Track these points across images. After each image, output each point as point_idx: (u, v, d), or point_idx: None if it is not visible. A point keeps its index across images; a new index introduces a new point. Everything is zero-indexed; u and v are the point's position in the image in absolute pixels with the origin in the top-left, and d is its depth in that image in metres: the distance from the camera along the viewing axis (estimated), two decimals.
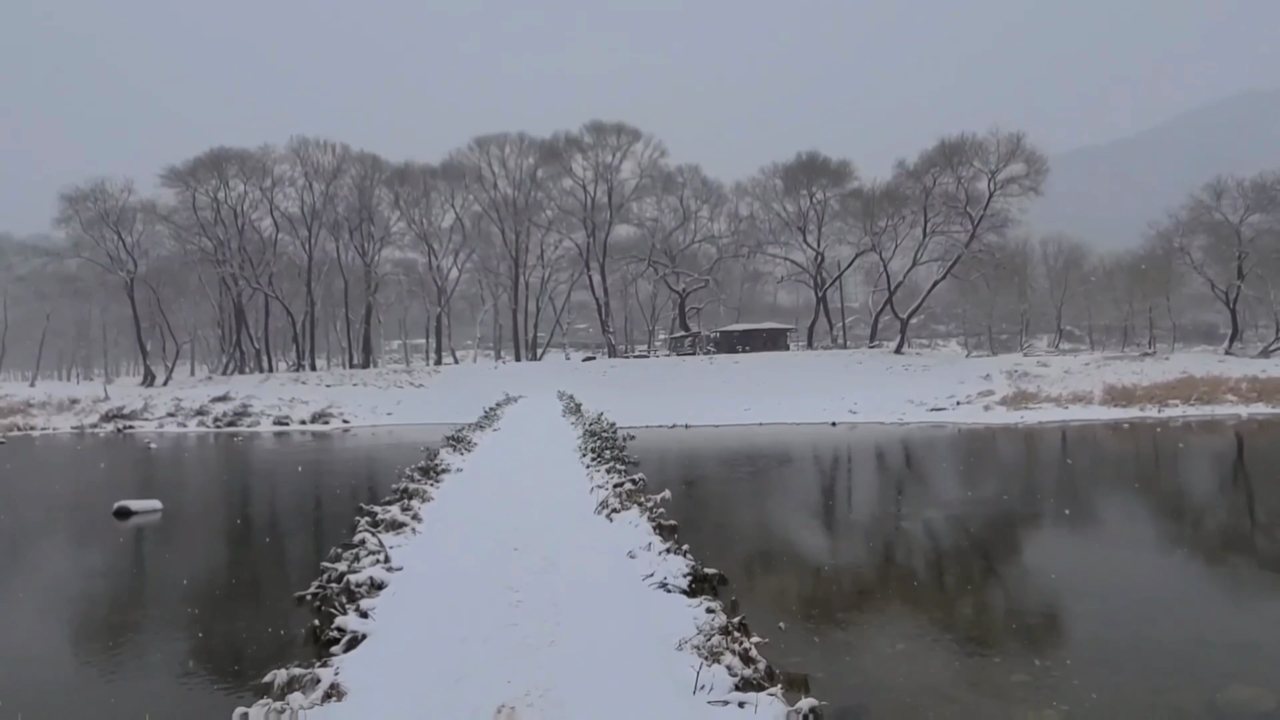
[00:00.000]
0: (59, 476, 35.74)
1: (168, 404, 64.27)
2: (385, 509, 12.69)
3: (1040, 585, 14.44)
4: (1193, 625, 11.54)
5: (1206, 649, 10.48)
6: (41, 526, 23.23)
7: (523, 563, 10.16)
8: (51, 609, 14.33)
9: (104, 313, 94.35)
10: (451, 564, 10.10)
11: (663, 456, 32.72)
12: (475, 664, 6.74)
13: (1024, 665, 9.91)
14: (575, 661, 6.70)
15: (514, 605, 8.34)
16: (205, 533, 21.97)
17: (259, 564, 17.89)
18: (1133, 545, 17.60)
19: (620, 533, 11.15)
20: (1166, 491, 24.78)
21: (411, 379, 68.11)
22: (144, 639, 11.98)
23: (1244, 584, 14.43)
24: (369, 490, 18.95)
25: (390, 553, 10.17)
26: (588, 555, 10.22)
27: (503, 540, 11.28)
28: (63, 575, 17.71)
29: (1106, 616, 11.79)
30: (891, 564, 16.07)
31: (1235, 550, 17.21)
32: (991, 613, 13.04)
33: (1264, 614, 12.42)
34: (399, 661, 6.86)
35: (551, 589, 8.87)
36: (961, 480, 27.39)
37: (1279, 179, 66.16)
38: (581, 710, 5.83)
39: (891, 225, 71.29)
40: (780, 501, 24.23)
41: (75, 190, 73.05)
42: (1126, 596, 13.16)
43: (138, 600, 15.04)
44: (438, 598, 8.69)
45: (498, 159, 78.99)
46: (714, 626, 6.93)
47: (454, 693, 6.16)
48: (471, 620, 7.88)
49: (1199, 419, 44.16)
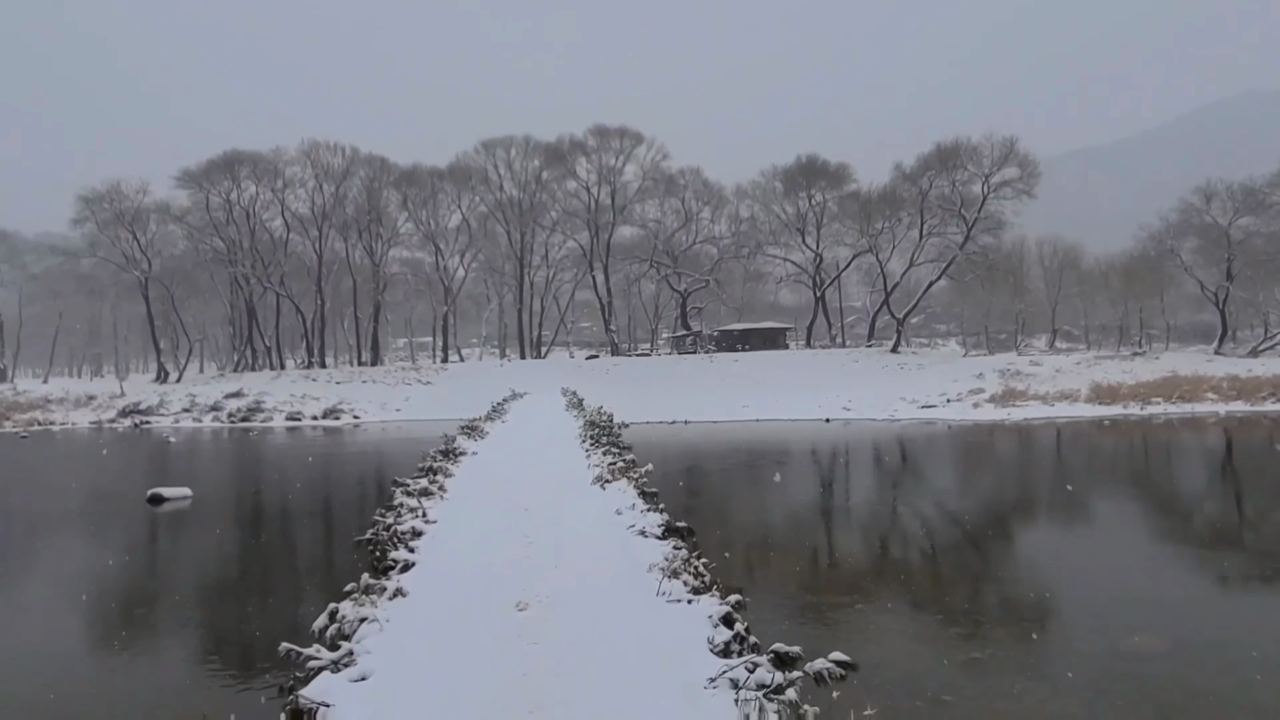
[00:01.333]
0: (87, 468, 38.20)
1: (183, 400, 66.75)
2: (415, 481, 15.13)
3: (976, 555, 16.78)
4: (1113, 588, 13.61)
5: (1120, 607, 12.52)
6: (88, 512, 25.46)
7: (532, 519, 12.65)
8: (171, 564, 17.23)
9: (114, 310, 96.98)
10: (474, 520, 12.61)
11: (656, 448, 35.07)
12: (499, 580, 9.20)
13: (935, 609, 12.25)
14: (571, 579, 9.15)
15: (526, 545, 10.82)
16: (242, 513, 24.45)
17: (308, 530, 20.46)
18: (1076, 523, 19.93)
19: (611, 497, 13.64)
20: (1118, 478, 27.14)
21: (419, 376, 70.48)
22: (251, 577, 15.67)
23: (1166, 554, 16.77)
24: (386, 478, 21.25)
25: (425, 511, 12.59)
26: (584, 513, 12.72)
27: (515, 504, 13.80)
28: (150, 544, 20.35)
29: (1038, 582, 14.05)
30: (834, 524, 18.48)
31: (1165, 527, 19.55)
32: (921, 571, 15.39)
33: (1176, 578, 14.68)
34: (442, 578, 9.29)
35: (555, 535, 11.35)
36: (928, 467, 29.81)
37: (1269, 182, 68.12)
38: (574, 606, 8.25)
39: (889, 227, 73.50)
40: (754, 482, 26.68)
41: (92, 191, 75.72)
42: (1060, 565, 15.45)
43: (226, 557, 17.69)
44: (466, 541, 11.15)
45: (503, 161, 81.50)
46: (676, 556, 9.32)
47: (486, 596, 8.61)
48: (493, 555, 10.36)
49: (1179, 416, 46.24)
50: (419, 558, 10.03)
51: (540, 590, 8.64)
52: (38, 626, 13.21)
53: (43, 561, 18.69)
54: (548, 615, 7.88)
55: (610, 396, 50.46)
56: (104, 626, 12.83)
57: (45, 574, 17.50)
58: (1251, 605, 13.09)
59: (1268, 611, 12.76)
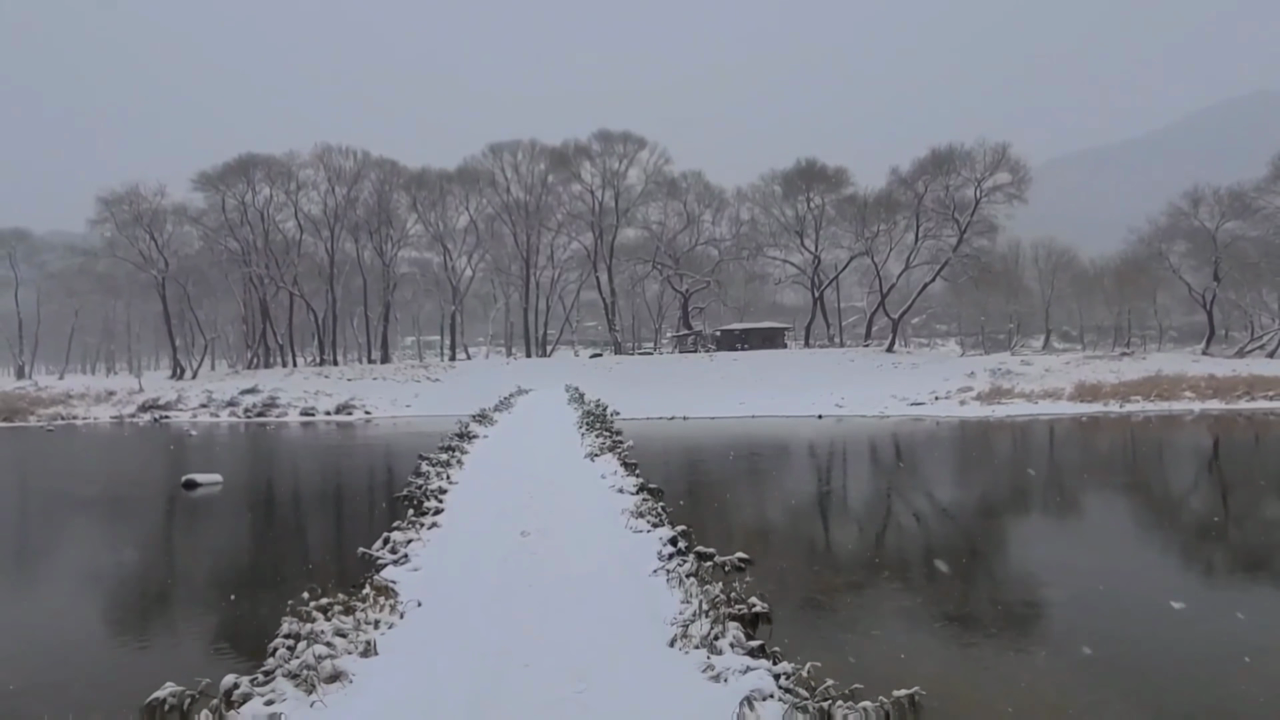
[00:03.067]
0: (119, 458, 41.33)
1: (199, 396, 69.96)
2: (438, 455, 18.25)
3: (916, 521, 19.76)
4: (1035, 552, 16.55)
5: (1042, 568, 15.30)
6: (134, 495, 28.18)
7: (534, 483, 16.01)
8: (233, 527, 20.33)
9: (128, 309, 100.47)
10: (487, 482, 15.89)
11: (656, 441, 38.12)
12: (507, 518, 12.51)
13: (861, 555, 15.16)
14: (564, 517, 12.37)
15: (529, 497, 14.08)
16: (277, 492, 27.53)
17: (343, 501, 23.55)
18: (1026, 503, 22.89)
19: (598, 467, 16.89)
20: (1073, 466, 30.08)
21: (428, 373, 73.57)
22: (302, 531, 18.37)
23: (1093, 525, 19.72)
24: (405, 463, 24.24)
25: (448, 475, 15.73)
26: (576, 479, 15.98)
27: (520, 473, 17.13)
28: (207, 517, 23.36)
29: (974, 550, 17.00)
30: (804, 498, 21.49)
31: (1100, 505, 22.49)
32: (859, 537, 18.38)
33: (1089, 542, 17.59)
34: (464, 518, 12.53)
35: (551, 492, 14.71)
36: (900, 457, 32.79)
37: (1256, 187, 70.73)
38: (563, 534, 11.39)
39: (886, 230, 76.36)
40: (733, 464, 29.67)
41: (111, 193, 79.11)
42: (998, 537, 18.39)
43: (279, 520, 20.80)
44: (482, 496, 14.43)
45: (510, 164, 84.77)
46: (644, 504, 12.39)
47: (498, 527, 11.89)
48: (503, 504, 13.61)
49: (1155, 413, 48.95)
50: (446, 505, 13.14)
51: (539, 524, 11.81)
52: (150, 575, 16.29)
53: (123, 531, 21.75)
54: (544, 539, 11.03)
55: (612, 393, 53.34)
56: (210, 564, 15.94)
57: (131, 539, 20.53)
58: (1145, 561, 16.05)
59: (1148, 560, 15.73)
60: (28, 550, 19.41)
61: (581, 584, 8.89)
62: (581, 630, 7.90)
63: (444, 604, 8.72)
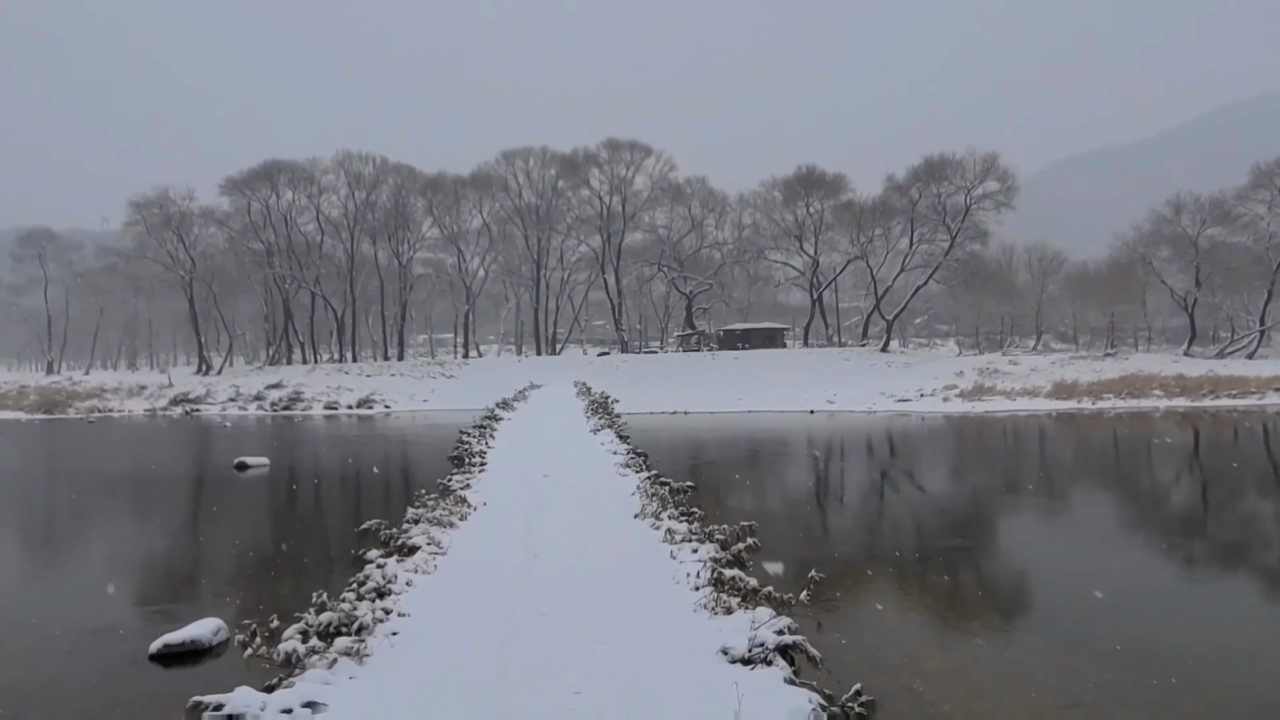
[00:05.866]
0: (167, 446, 45.89)
1: (228, 390, 75.10)
2: (474, 430, 23.27)
3: (859, 495, 24.49)
4: (980, 532, 21.22)
5: (989, 551, 20.09)
6: (195, 475, 32.31)
7: (550, 447, 21.42)
8: (293, 497, 25.29)
9: (150, 306, 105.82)
10: (515, 448, 21.02)
11: (659, 432, 42.96)
12: (533, 467, 17.88)
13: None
14: (573, 467, 17.69)
15: (547, 456, 19.63)
16: (324, 470, 32.33)
17: (386, 472, 28.38)
18: (978, 487, 27.60)
19: (599, 439, 22.13)
20: (1027, 452, 34.76)
21: (443, 370, 78.67)
22: (361, 490, 23.05)
23: (1029, 508, 24.39)
24: (430, 448, 28.88)
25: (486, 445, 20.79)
26: (581, 448, 21.29)
27: (539, 441, 22.77)
28: (268, 491, 28.18)
29: (927, 524, 21.79)
30: (782, 475, 26.29)
31: (1030, 480, 27.21)
32: (819, 510, 23.12)
33: (1028, 526, 22.31)
34: (501, 469, 17.66)
35: (564, 453, 20.05)
36: (874, 443, 37.49)
37: (1236, 195, 75.05)
38: (573, 477, 16.53)
39: (882, 234, 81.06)
40: (727, 450, 34.48)
41: (142, 197, 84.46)
42: (950, 517, 23.09)
43: (338, 486, 25.69)
44: (512, 455, 19.90)
45: (522, 170, 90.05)
46: (631, 462, 17.29)
47: (527, 473, 17.35)
48: (529, 459, 18.72)
49: (1125, 410, 53.44)
50: (488, 461, 18.18)
51: (555, 470, 17.33)
52: (237, 531, 21.17)
53: (212, 499, 26.68)
54: (559, 480, 16.27)
55: (619, 389, 58.10)
56: (296, 514, 20.86)
57: (223, 504, 25.49)
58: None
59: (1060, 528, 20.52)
60: (153, 515, 24.09)
61: (583, 501, 13.89)
62: (582, 517, 13.44)
63: (497, 508, 14.25)
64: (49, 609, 13.17)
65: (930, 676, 9.17)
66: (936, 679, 9.10)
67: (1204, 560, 16.21)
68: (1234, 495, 23.97)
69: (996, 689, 8.99)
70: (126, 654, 10.52)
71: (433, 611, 9.22)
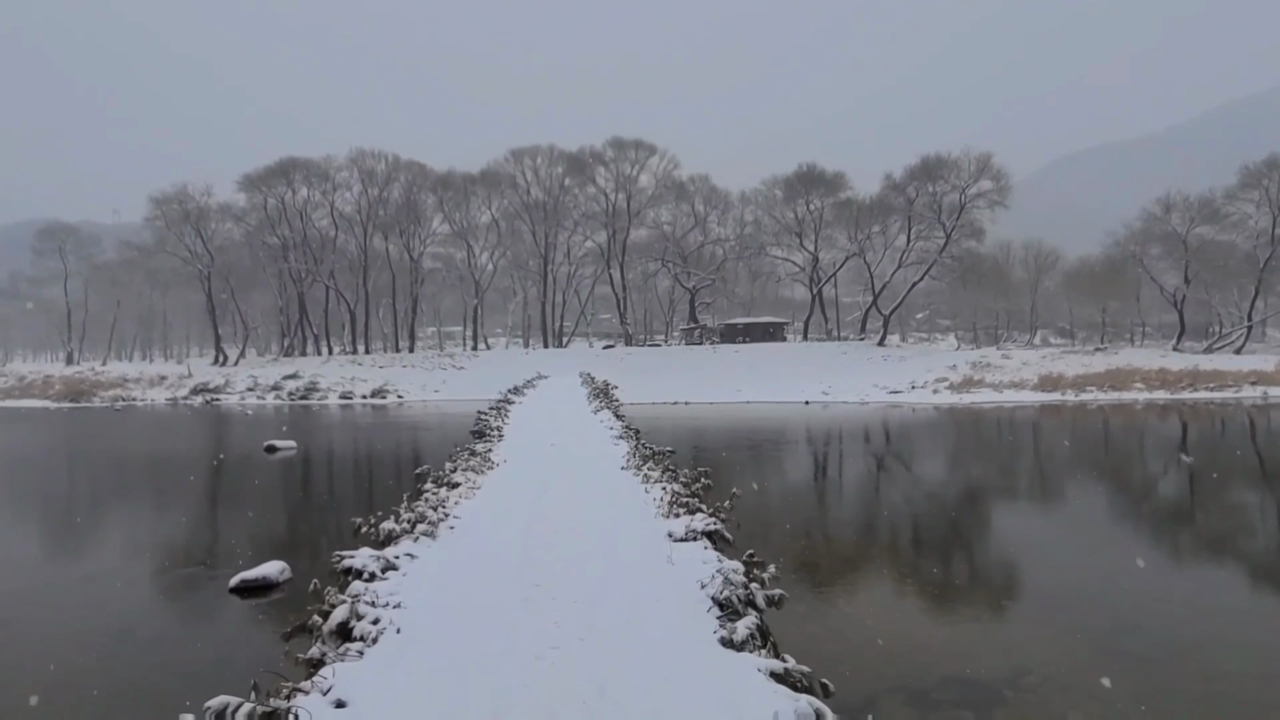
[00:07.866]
0: (197, 431, 49.09)
1: (246, 380, 78.84)
2: (491, 411, 26.94)
3: (836, 474, 28.00)
4: (941, 511, 24.82)
5: (950, 530, 23.79)
6: (231, 456, 34.68)
7: (557, 423, 24.80)
8: (328, 473, 28.65)
9: (166, 299, 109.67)
10: (527, 423, 24.63)
11: (661, 420, 46.52)
12: (543, 438, 21.62)
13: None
14: (576, 438, 21.40)
15: (555, 431, 23.39)
16: (352, 451, 35.94)
17: (402, 454, 31.95)
18: (948, 472, 31.09)
19: (599, 418, 25.72)
20: (999, 439, 38.20)
21: (453, 362, 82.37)
22: (394, 461, 26.48)
23: (987, 490, 27.89)
24: (446, 432, 32.27)
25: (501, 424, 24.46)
26: (583, 426, 25.07)
27: (547, 419, 26.23)
28: (301, 468, 31.62)
29: (894, 505, 25.32)
30: (773, 456, 29.82)
31: (994, 464, 30.68)
32: (806, 489, 26.65)
33: (982, 509, 25.85)
34: (516, 439, 21.35)
35: (568, 428, 23.57)
36: (854, 431, 40.99)
37: (1225, 195, 78.15)
38: (575, 445, 20.28)
39: (880, 231, 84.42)
40: (724, 436, 38.01)
41: (162, 193, 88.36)
42: (918, 502, 26.62)
43: (369, 461, 29.12)
44: (524, 429, 23.46)
45: (530, 168, 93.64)
46: (625, 433, 20.91)
47: (538, 442, 21.11)
48: (539, 433, 22.35)
49: (1107, 402, 56.69)
50: (504, 434, 21.84)
51: (561, 440, 21.01)
52: (286, 502, 24.75)
53: (251, 477, 29.94)
54: (564, 448, 19.97)
55: (622, 381, 61.46)
56: (334, 484, 24.40)
57: (266, 480, 28.77)
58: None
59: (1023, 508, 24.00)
60: (207, 490, 27.74)
61: (584, 461, 17.43)
62: (583, 472, 17.04)
63: (515, 465, 17.94)
64: (154, 559, 16.67)
65: (800, 548, 12.77)
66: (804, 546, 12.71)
67: (1119, 516, 19.75)
68: (1172, 467, 27.51)
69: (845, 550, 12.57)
70: (213, 588, 13.83)
71: (475, 517, 13.23)
